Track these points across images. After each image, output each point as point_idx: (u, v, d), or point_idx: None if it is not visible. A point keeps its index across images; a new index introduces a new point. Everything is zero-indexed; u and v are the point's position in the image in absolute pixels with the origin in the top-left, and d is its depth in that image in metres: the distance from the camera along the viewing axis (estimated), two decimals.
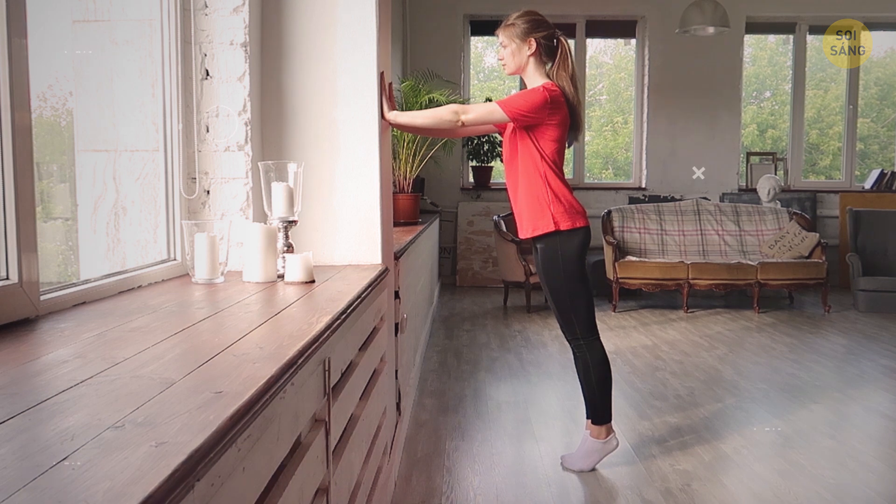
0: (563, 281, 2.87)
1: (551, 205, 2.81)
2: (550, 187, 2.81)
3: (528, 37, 2.80)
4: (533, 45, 2.80)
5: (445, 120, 2.68)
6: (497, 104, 2.73)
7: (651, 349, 5.23)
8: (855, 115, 8.65)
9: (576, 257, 2.85)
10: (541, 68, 2.85)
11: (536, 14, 2.86)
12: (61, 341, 1.32)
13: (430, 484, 2.85)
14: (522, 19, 2.82)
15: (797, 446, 3.28)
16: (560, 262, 2.84)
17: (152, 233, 2.33)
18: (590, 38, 8.61)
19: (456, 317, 6.46)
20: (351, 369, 1.79)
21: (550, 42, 2.84)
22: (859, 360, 4.92)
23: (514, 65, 2.84)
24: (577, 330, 2.92)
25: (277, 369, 1.10)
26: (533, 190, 2.83)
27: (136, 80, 2.31)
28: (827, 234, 8.07)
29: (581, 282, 2.89)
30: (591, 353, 2.94)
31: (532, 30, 2.81)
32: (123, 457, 0.75)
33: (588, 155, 9.03)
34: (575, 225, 2.83)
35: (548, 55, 2.84)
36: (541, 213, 2.83)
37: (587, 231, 2.88)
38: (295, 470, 1.19)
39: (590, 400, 2.99)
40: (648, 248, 7.16)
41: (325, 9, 2.48)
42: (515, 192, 2.90)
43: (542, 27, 2.82)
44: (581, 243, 2.85)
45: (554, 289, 2.91)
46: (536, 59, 2.83)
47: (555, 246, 2.84)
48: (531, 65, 2.84)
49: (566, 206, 2.82)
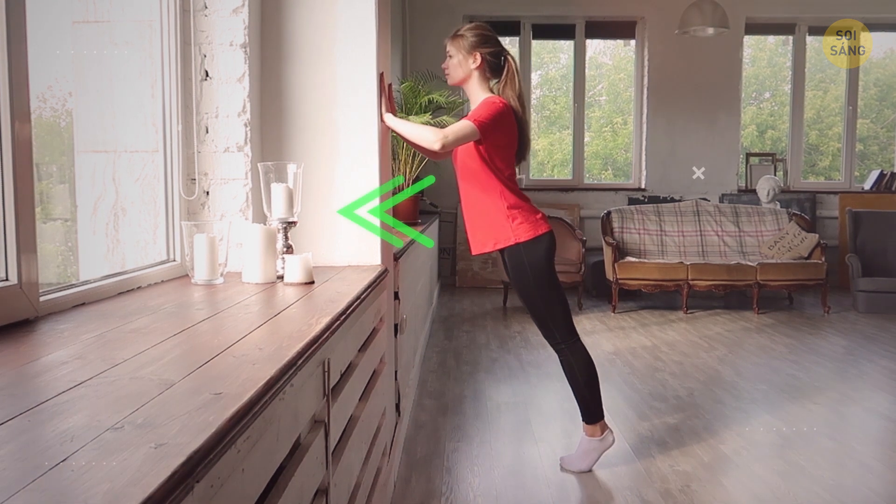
0: (535, 289, 2.89)
1: (510, 218, 2.83)
2: (507, 201, 2.82)
3: (474, 50, 2.81)
4: (478, 59, 2.82)
5: (426, 139, 2.62)
6: (468, 121, 2.70)
7: (650, 350, 5.23)
8: (854, 116, 8.65)
9: (544, 264, 2.86)
10: (484, 83, 2.86)
11: (487, 29, 2.87)
12: (61, 342, 1.32)
13: (430, 485, 2.85)
14: (472, 32, 2.84)
15: (796, 447, 3.28)
16: (529, 272, 2.86)
17: (152, 234, 2.33)
18: (589, 38, 8.61)
19: (455, 317, 6.46)
20: (350, 370, 1.79)
21: (497, 59, 2.85)
22: (859, 361, 4.92)
23: (456, 76, 2.86)
24: (557, 335, 2.94)
25: (277, 370, 1.10)
26: (490, 205, 2.84)
27: (136, 81, 2.32)
28: (826, 235, 8.07)
29: (552, 287, 2.90)
30: (573, 355, 2.96)
31: (479, 44, 2.82)
32: (123, 458, 0.75)
33: (588, 155, 9.03)
34: (537, 233, 2.84)
35: (492, 71, 2.86)
36: (500, 227, 2.84)
37: (550, 236, 2.88)
38: (294, 471, 1.19)
39: (580, 401, 3.01)
40: (648, 249, 7.16)
41: (324, 10, 2.48)
42: (471, 207, 2.90)
43: (489, 43, 2.84)
44: (546, 249, 2.86)
45: (527, 298, 2.93)
46: (480, 73, 2.84)
47: (520, 257, 2.85)
48: (474, 78, 2.85)
49: (524, 217, 2.84)
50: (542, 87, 9.89)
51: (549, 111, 9.97)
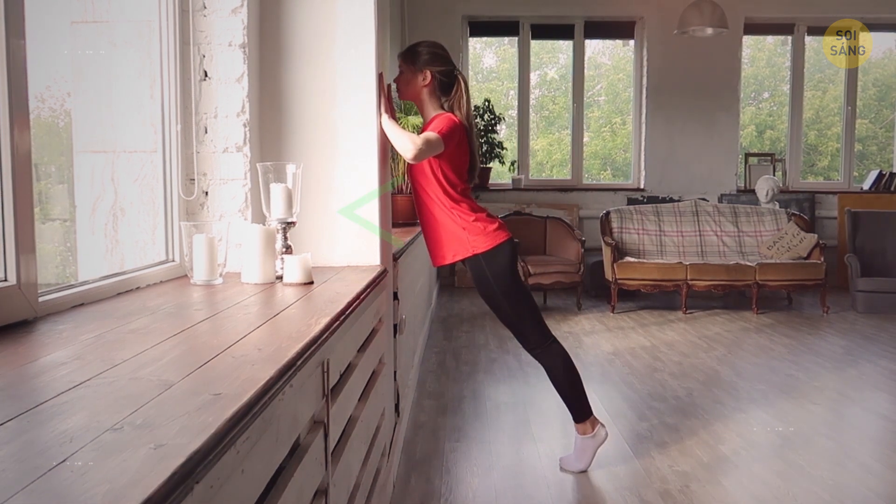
0: (501, 298, 2.88)
1: (465, 230, 2.83)
2: (460, 213, 2.82)
3: (425, 68, 2.82)
4: (428, 77, 2.83)
5: (402, 147, 2.60)
6: (433, 132, 2.68)
7: (650, 350, 5.24)
8: (853, 116, 8.66)
9: (507, 272, 2.86)
10: (434, 101, 2.87)
11: (440, 48, 2.89)
12: (60, 343, 1.31)
13: (429, 485, 2.85)
14: (425, 49, 2.85)
15: (796, 447, 3.29)
16: (492, 282, 2.86)
17: (151, 234, 2.33)
18: (588, 38, 8.61)
19: (454, 318, 6.46)
20: (350, 371, 1.79)
21: (447, 78, 2.86)
22: (858, 361, 4.93)
23: (406, 92, 2.88)
24: (530, 340, 2.94)
25: (276, 371, 1.10)
26: (444, 218, 2.83)
27: (135, 81, 2.31)
28: (825, 235, 8.08)
29: (518, 293, 2.90)
30: (549, 358, 2.96)
31: (430, 62, 2.83)
32: (122, 459, 0.75)
33: (587, 156, 9.03)
34: (495, 243, 2.83)
35: (442, 90, 2.87)
36: (457, 240, 2.84)
37: (510, 244, 2.88)
38: (294, 472, 1.19)
39: (567, 401, 3.02)
40: (647, 249, 7.16)
41: (323, 10, 2.48)
42: (427, 221, 2.89)
43: (439, 61, 2.85)
44: (508, 258, 2.86)
45: (495, 307, 2.93)
46: (430, 90, 2.85)
47: (481, 267, 2.85)
48: (424, 95, 2.86)
49: (480, 229, 2.83)
50: (540, 88, 9.89)
51: (547, 111, 9.97)
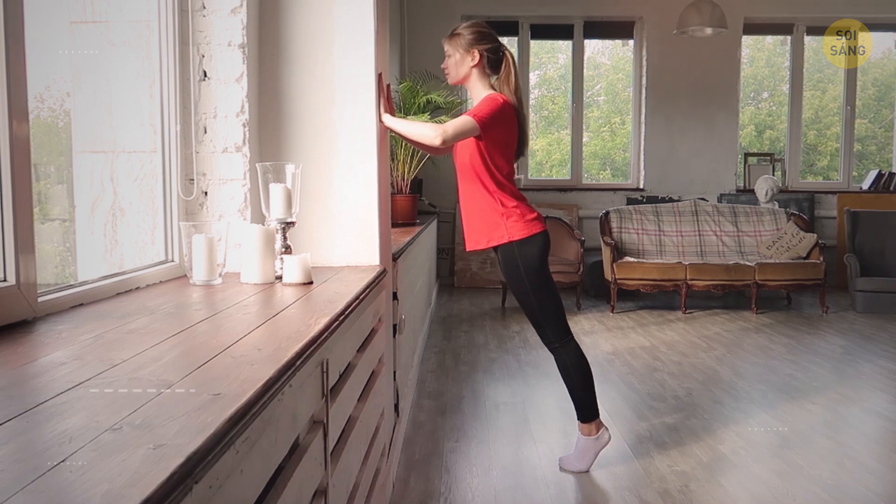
0: (527, 288, 2.89)
1: (504, 216, 2.84)
2: (502, 199, 2.84)
3: (472, 48, 2.83)
4: (476, 57, 2.83)
5: (424, 134, 2.65)
6: (468, 116, 2.72)
7: (649, 350, 5.24)
8: (853, 116, 8.66)
9: (537, 264, 2.87)
10: (485, 80, 2.87)
11: (483, 26, 2.89)
12: (59, 343, 1.31)
13: (429, 485, 2.85)
14: (468, 30, 2.85)
15: (795, 447, 3.29)
16: (522, 271, 2.87)
17: (150, 234, 2.33)
18: (588, 38, 8.62)
19: (454, 318, 6.46)
20: (349, 371, 1.79)
21: (495, 55, 2.86)
22: (857, 361, 4.93)
23: (456, 75, 2.88)
24: (550, 334, 2.95)
25: (275, 371, 1.09)
26: (485, 203, 2.85)
27: (134, 82, 2.31)
28: (825, 235, 8.08)
29: (546, 287, 2.91)
30: (567, 355, 2.96)
31: (476, 41, 2.83)
32: (121, 459, 0.75)
33: (586, 156, 9.03)
34: (531, 232, 2.85)
35: (492, 67, 2.87)
36: (494, 225, 2.85)
37: (545, 236, 2.90)
38: (293, 472, 1.19)
39: (575, 400, 3.02)
40: (646, 249, 7.16)
41: (323, 10, 2.48)
42: (468, 204, 2.91)
43: (486, 39, 2.85)
44: (540, 249, 2.87)
45: (521, 297, 2.94)
46: (480, 70, 2.86)
47: (513, 255, 2.86)
48: (474, 76, 2.86)
49: (519, 215, 2.85)
50: (540, 87, 9.89)
51: (547, 111, 9.97)
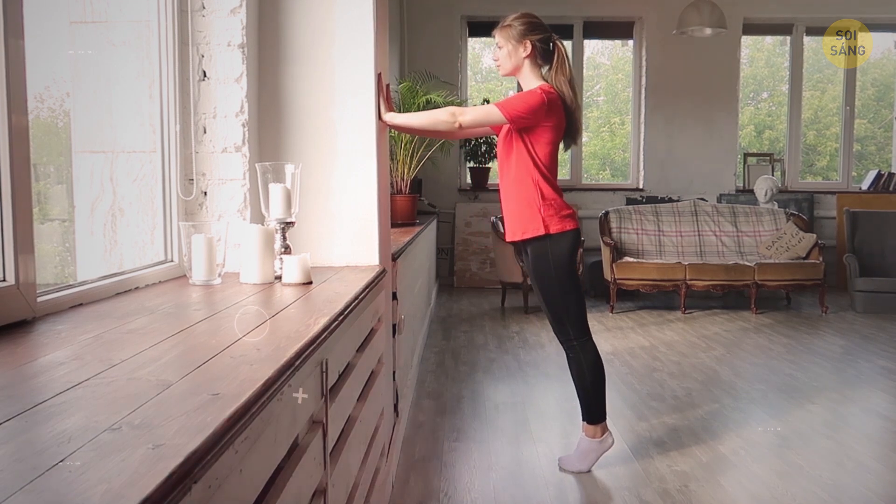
0: (554, 283, 2.89)
1: (542, 208, 2.83)
2: (541, 191, 2.83)
3: (523, 39, 2.82)
4: (528, 48, 2.82)
5: (441, 121, 2.69)
6: (495, 106, 2.75)
7: (648, 350, 5.24)
8: (852, 116, 8.66)
9: (566, 260, 2.87)
10: (536, 71, 2.86)
11: (533, 17, 2.87)
12: (58, 343, 1.31)
13: (428, 485, 2.85)
14: (519, 21, 2.84)
15: (795, 447, 3.29)
16: (551, 265, 2.86)
17: (149, 234, 2.33)
18: (587, 39, 8.62)
19: (454, 318, 6.46)
20: (348, 371, 1.79)
21: (546, 45, 2.85)
22: (857, 361, 4.93)
23: (509, 66, 2.87)
24: (570, 331, 2.95)
25: (275, 371, 1.09)
26: (524, 193, 2.85)
27: (134, 82, 2.31)
28: (824, 235, 8.08)
29: (572, 284, 2.91)
30: (584, 353, 2.96)
31: (528, 32, 2.82)
32: (121, 459, 0.75)
33: (585, 156, 9.04)
34: (564, 228, 2.85)
35: (543, 58, 2.86)
36: (531, 217, 2.85)
37: (577, 233, 2.90)
38: (292, 472, 1.19)
39: (584, 400, 3.01)
40: (646, 249, 7.16)
41: (322, 10, 2.48)
42: (508, 193, 2.92)
43: (538, 30, 2.84)
44: (571, 246, 2.87)
45: (545, 291, 2.93)
46: (532, 61, 2.85)
47: (545, 249, 2.86)
48: (526, 67, 2.85)
49: (556, 209, 2.85)
50: None
51: None
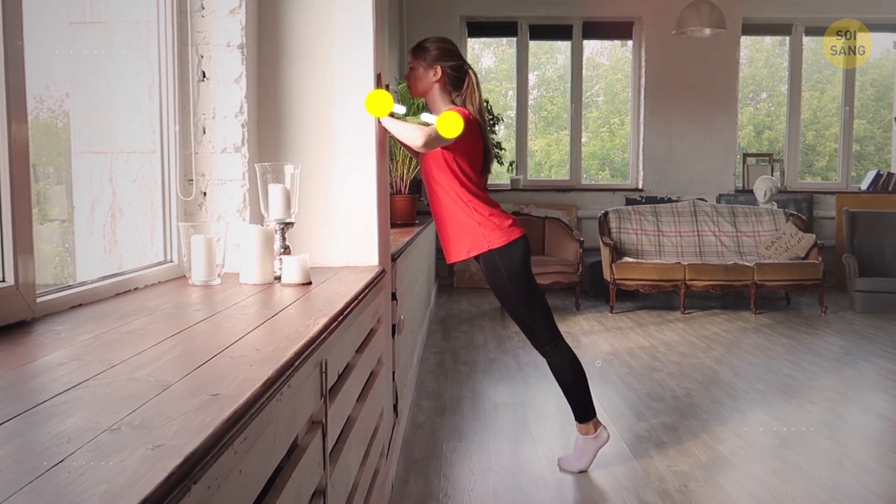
0: (513, 295, 2.90)
1: (480, 225, 2.84)
2: (476, 209, 2.84)
3: (435, 63, 2.83)
4: (438, 73, 2.83)
5: (411, 137, 2.63)
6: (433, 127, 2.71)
7: (648, 350, 5.24)
8: (851, 117, 8.67)
9: (520, 269, 2.88)
10: (445, 96, 2.88)
11: (449, 43, 2.90)
12: (58, 343, 1.31)
13: (428, 486, 2.85)
14: (434, 45, 2.86)
15: (794, 447, 3.29)
16: (506, 278, 2.87)
17: (149, 235, 2.33)
18: (586, 39, 8.62)
19: (453, 318, 6.46)
20: (348, 371, 1.79)
21: (458, 73, 2.87)
22: (856, 361, 4.93)
23: (418, 88, 2.89)
24: (540, 338, 2.96)
25: (274, 371, 1.10)
26: (460, 213, 2.85)
27: (133, 82, 2.31)
28: (823, 235, 8.08)
29: (531, 291, 2.91)
30: (558, 356, 2.97)
31: (440, 58, 2.84)
32: (120, 459, 0.75)
33: (585, 156, 9.04)
34: (510, 239, 2.85)
35: (453, 85, 2.87)
36: (472, 235, 2.85)
37: (524, 241, 2.90)
38: (292, 472, 1.19)
39: (571, 400, 3.03)
40: (645, 250, 7.16)
41: (322, 10, 2.48)
42: (441, 216, 2.90)
43: (450, 56, 2.86)
44: (522, 254, 2.88)
45: (507, 304, 2.95)
46: (441, 86, 2.86)
47: (495, 263, 2.87)
48: (435, 91, 2.87)
49: (495, 224, 2.85)
50: (539, 88, 9.89)
51: (546, 112, 9.97)
